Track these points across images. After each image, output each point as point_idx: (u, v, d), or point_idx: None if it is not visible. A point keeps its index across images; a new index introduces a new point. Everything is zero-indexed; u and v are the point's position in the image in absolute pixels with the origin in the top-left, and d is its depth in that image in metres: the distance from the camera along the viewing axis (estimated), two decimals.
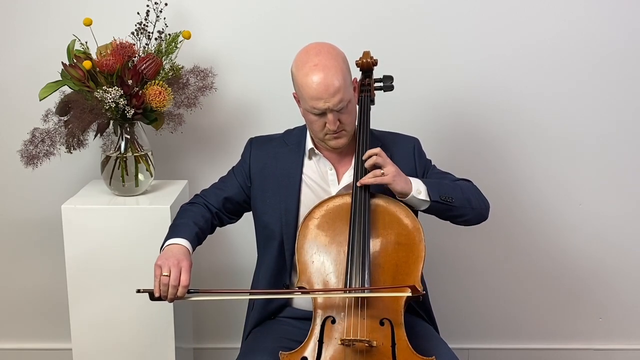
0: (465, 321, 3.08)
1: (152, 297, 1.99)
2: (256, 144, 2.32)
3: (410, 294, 1.93)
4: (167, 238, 2.12)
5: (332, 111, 2.08)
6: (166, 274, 1.96)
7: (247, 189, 2.27)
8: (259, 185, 2.25)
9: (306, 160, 2.24)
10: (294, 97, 2.21)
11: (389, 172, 2.06)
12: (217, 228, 2.32)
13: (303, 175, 2.23)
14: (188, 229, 2.15)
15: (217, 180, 2.35)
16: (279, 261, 2.21)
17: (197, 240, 2.16)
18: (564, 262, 3.04)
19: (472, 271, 3.06)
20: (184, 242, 2.09)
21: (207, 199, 2.28)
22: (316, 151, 2.23)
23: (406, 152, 2.27)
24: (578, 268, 3.05)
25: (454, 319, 3.01)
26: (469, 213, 2.20)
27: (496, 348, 3.10)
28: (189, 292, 1.98)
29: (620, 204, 2.98)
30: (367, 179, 2.06)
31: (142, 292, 1.98)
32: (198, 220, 2.20)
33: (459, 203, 2.16)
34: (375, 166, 2.08)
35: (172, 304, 2.34)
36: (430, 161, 2.34)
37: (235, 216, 2.33)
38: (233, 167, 2.35)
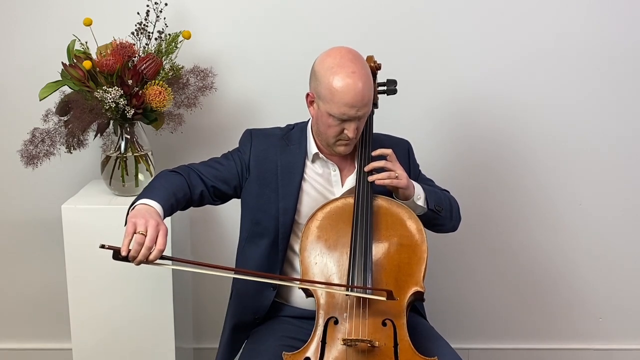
0: (465, 321, 3.08)
1: (117, 256, 1.82)
2: (257, 137, 2.26)
3: (384, 299, 1.93)
4: (142, 197, 1.99)
5: (358, 119, 2.07)
6: (142, 232, 1.83)
7: (243, 179, 2.22)
8: (256, 179, 2.21)
9: (308, 163, 2.23)
10: (309, 96, 2.15)
11: (402, 176, 2.08)
12: (193, 208, 2.21)
13: (305, 176, 2.21)
14: (166, 196, 2.01)
15: (209, 159, 2.26)
16: (268, 259, 2.20)
17: (169, 212, 2.03)
18: (564, 262, 3.05)
19: (472, 271, 3.06)
20: (158, 207, 1.95)
21: (200, 174, 2.16)
22: (320, 155, 2.21)
23: (402, 154, 2.28)
24: (578, 268, 3.05)
25: (454, 319, 3.01)
26: (447, 224, 2.27)
27: (496, 348, 3.11)
28: (161, 257, 1.84)
29: (620, 204, 2.99)
30: (383, 180, 2.07)
31: (107, 248, 1.81)
32: (177, 192, 2.07)
33: (445, 214, 2.22)
34: (384, 168, 2.09)
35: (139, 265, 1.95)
36: (418, 165, 2.36)
37: (219, 200, 2.23)
38: (228, 152, 2.27)
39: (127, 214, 1.97)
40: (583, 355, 3.12)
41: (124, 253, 1.81)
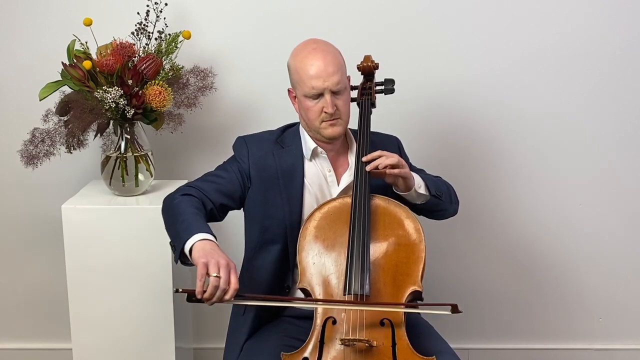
0: (465, 321, 3.07)
1: (191, 298, 1.86)
2: (251, 143, 2.24)
3: (449, 312, 1.97)
4: (188, 231, 1.93)
5: (330, 92, 2.09)
6: (216, 274, 1.82)
7: (245, 189, 2.20)
8: (259, 187, 2.20)
9: (306, 162, 2.22)
10: (289, 92, 2.22)
11: (404, 164, 2.11)
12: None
13: (305, 176, 2.21)
14: (205, 223, 1.98)
15: (205, 174, 2.22)
16: (280, 264, 2.19)
17: None
18: (564, 262, 3.05)
19: (471, 271, 3.06)
20: (213, 238, 1.93)
21: (205, 193, 2.12)
22: (319, 150, 2.21)
23: (392, 150, 2.26)
24: (578, 268, 3.05)
25: (454, 318, 3.00)
26: (449, 208, 2.29)
27: (496, 348, 3.10)
28: (235, 296, 1.86)
29: (620, 204, 2.98)
30: (394, 171, 2.08)
31: (182, 292, 1.86)
32: (203, 215, 2.05)
33: (445, 198, 2.24)
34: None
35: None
36: (408, 159, 2.37)
37: (223, 215, 2.21)
38: (225, 163, 2.25)
39: (176, 250, 1.94)
40: (583, 355, 3.12)
41: (199, 296, 1.84)
